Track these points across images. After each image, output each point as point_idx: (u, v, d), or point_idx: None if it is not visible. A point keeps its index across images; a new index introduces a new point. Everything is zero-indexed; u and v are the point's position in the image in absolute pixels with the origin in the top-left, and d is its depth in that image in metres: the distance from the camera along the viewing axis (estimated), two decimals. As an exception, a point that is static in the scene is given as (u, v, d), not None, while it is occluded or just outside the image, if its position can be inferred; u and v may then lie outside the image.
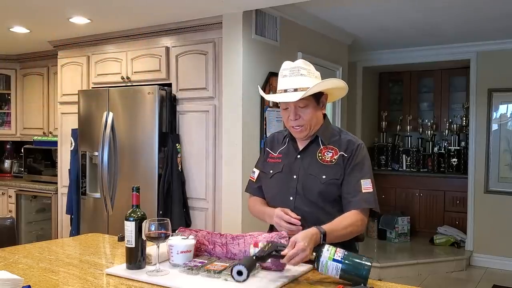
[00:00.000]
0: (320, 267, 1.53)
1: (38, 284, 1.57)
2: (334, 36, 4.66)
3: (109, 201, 3.87)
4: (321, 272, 1.55)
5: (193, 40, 3.70)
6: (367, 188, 1.77)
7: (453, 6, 3.86)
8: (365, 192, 1.76)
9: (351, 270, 1.50)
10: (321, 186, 1.78)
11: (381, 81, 6.83)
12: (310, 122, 1.80)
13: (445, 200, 5.93)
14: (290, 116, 1.80)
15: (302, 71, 1.78)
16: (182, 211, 3.61)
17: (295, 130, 1.82)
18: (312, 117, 1.80)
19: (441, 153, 6.14)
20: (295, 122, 1.80)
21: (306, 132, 1.82)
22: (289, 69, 1.80)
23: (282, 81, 1.81)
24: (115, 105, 3.89)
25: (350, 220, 1.72)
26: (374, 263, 4.88)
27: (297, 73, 1.77)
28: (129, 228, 1.68)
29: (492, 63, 5.24)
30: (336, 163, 1.80)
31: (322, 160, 1.81)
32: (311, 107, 1.79)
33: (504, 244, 5.13)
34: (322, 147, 1.83)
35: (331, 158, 1.80)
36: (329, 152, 1.82)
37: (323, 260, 1.52)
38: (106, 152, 3.84)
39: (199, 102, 3.68)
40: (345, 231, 1.70)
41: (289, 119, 1.81)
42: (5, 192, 5.16)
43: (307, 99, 1.77)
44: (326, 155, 1.82)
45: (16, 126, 5.51)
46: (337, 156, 1.80)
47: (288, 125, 1.84)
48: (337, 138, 1.85)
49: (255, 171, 2.01)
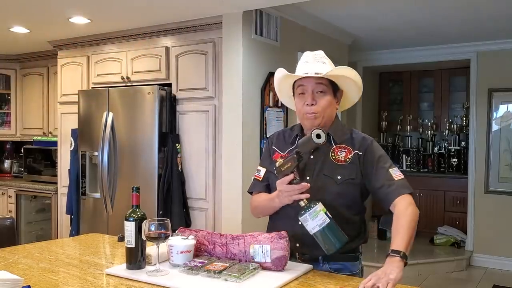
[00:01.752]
0: (308, 213, 1.57)
1: (38, 284, 1.56)
2: (334, 36, 4.66)
3: (109, 201, 3.87)
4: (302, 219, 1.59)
5: (193, 40, 3.70)
6: (398, 176, 1.74)
7: (453, 6, 3.85)
8: (398, 179, 1.73)
9: (332, 232, 1.56)
10: (336, 187, 1.73)
11: (381, 81, 6.83)
12: (325, 110, 1.76)
13: (445, 200, 5.92)
14: (307, 100, 1.75)
15: (324, 60, 1.81)
16: (182, 211, 3.61)
17: (308, 116, 1.76)
18: (327, 106, 1.76)
19: (441, 153, 6.14)
20: (311, 108, 1.75)
21: (319, 120, 1.76)
22: (312, 55, 1.82)
23: (304, 66, 1.80)
24: (115, 105, 3.89)
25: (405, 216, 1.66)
26: (374, 263, 4.86)
27: (319, 60, 1.80)
28: (129, 228, 1.67)
29: (492, 63, 5.24)
30: (350, 162, 1.76)
31: (336, 160, 1.76)
32: (329, 95, 1.77)
33: (505, 244, 5.13)
34: (334, 146, 1.79)
35: (345, 158, 1.76)
36: (343, 151, 1.78)
37: (317, 208, 1.56)
38: (106, 152, 3.84)
39: (199, 102, 3.67)
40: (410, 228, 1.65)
41: (305, 104, 1.76)
42: (5, 192, 5.16)
43: (326, 86, 1.76)
44: (339, 155, 1.77)
45: (16, 126, 5.51)
46: (351, 155, 1.77)
47: (302, 112, 1.78)
48: (348, 137, 1.82)
49: (261, 170, 1.92)
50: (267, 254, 1.64)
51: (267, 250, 1.64)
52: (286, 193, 1.65)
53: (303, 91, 1.77)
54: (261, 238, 1.67)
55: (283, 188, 1.66)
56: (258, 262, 1.65)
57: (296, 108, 1.83)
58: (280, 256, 1.64)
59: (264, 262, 1.65)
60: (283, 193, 1.66)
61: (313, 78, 1.75)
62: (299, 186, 1.62)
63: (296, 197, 1.64)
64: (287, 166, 1.62)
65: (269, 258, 1.64)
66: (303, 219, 1.60)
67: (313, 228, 1.58)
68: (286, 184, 1.64)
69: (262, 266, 1.65)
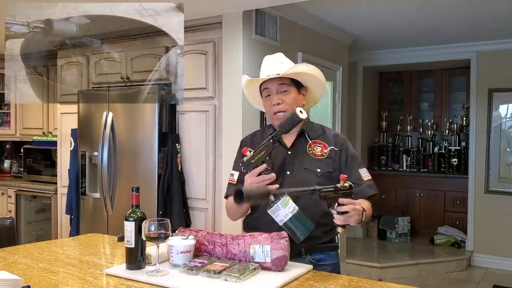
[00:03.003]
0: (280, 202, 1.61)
1: (38, 284, 1.56)
2: (334, 36, 4.66)
3: (109, 201, 3.87)
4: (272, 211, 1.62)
5: (193, 40, 3.69)
6: (367, 176, 1.88)
7: (453, 6, 3.86)
8: (367, 179, 1.87)
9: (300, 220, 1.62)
10: (317, 179, 1.81)
11: (381, 81, 6.83)
12: (292, 107, 1.83)
13: (446, 200, 5.92)
14: (273, 101, 1.86)
15: (283, 60, 1.91)
16: (182, 211, 3.60)
17: (277, 117, 1.86)
18: (293, 103, 1.85)
19: (442, 153, 6.14)
20: (278, 107, 1.85)
21: None
22: (272, 59, 1.92)
23: (265, 69, 1.90)
24: (115, 105, 3.88)
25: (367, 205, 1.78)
26: (375, 263, 4.88)
27: (278, 61, 1.89)
28: (128, 228, 1.67)
29: (492, 63, 5.24)
30: (327, 156, 1.87)
31: (313, 154, 1.87)
32: (293, 93, 1.87)
33: (505, 244, 5.13)
34: (310, 141, 1.89)
35: (321, 152, 1.87)
36: (318, 146, 1.89)
37: (286, 197, 1.61)
38: (105, 152, 3.84)
39: (199, 102, 3.67)
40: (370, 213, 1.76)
41: (272, 105, 1.87)
42: (4, 192, 5.16)
43: (289, 85, 1.86)
44: (316, 149, 1.88)
45: (16, 126, 5.50)
46: (327, 150, 1.88)
47: (271, 112, 1.89)
48: (322, 133, 1.93)
49: (234, 173, 1.98)
50: (267, 254, 1.64)
51: (267, 250, 1.64)
52: (256, 184, 1.68)
53: (269, 93, 1.89)
54: (261, 238, 1.67)
55: (253, 180, 1.69)
56: (258, 262, 1.65)
57: (265, 109, 1.95)
58: (280, 256, 1.64)
59: (264, 262, 1.65)
60: (253, 185, 1.68)
61: (275, 79, 1.85)
62: (269, 175, 1.68)
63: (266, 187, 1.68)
64: (260, 155, 1.68)
65: (269, 258, 1.64)
66: (274, 210, 1.63)
67: (285, 216, 1.62)
68: (256, 176, 1.69)
69: (262, 266, 1.65)
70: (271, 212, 1.64)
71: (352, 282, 1.60)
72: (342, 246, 4.88)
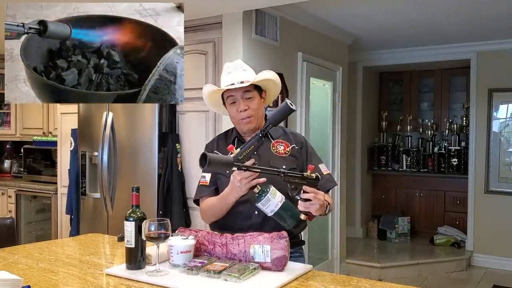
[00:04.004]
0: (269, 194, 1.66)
1: (38, 284, 1.56)
2: (334, 36, 4.66)
3: (109, 201, 3.87)
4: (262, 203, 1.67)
5: (193, 40, 3.69)
6: (326, 170, 1.98)
7: (453, 6, 3.86)
8: (326, 174, 1.95)
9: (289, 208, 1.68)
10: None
11: (381, 81, 6.83)
12: (257, 113, 1.95)
13: (445, 200, 5.92)
14: (240, 107, 1.92)
15: (245, 67, 1.97)
16: (182, 211, 3.60)
17: (243, 122, 1.94)
18: (258, 108, 1.95)
19: (441, 153, 6.14)
20: (245, 113, 1.92)
21: (253, 123, 1.94)
22: (233, 66, 1.97)
23: (228, 76, 1.95)
24: (115, 105, 3.88)
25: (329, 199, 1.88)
26: (375, 263, 4.88)
27: (240, 69, 1.95)
28: (129, 228, 1.67)
29: (492, 63, 5.24)
30: (290, 154, 1.95)
31: (277, 153, 1.95)
32: (257, 99, 1.95)
33: (505, 244, 5.13)
34: (273, 141, 1.97)
35: (284, 150, 1.96)
36: (281, 145, 1.97)
37: (273, 189, 1.67)
38: (106, 152, 3.83)
39: (199, 102, 3.66)
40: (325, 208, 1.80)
41: (238, 111, 1.93)
42: (4, 192, 5.16)
43: (253, 91, 1.94)
44: (279, 148, 1.96)
45: (16, 126, 5.50)
46: (289, 148, 1.97)
47: (237, 119, 1.95)
48: (282, 133, 2.02)
49: (206, 175, 1.98)
50: (267, 254, 1.64)
51: (267, 250, 1.64)
52: (245, 180, 1.71)
53: (234, 100, 1.95)
54: (261, 238, 1.67)
55: (243, 175, 1.70)
56: (258, 262, 1.65)
57: (230, 115, 2.00)
58: (280, 256, 1.64)
59: (264, 262, 1.65)
60: (243, 180, 1.71)
61: (240, 88, 1.91)
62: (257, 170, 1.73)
63: (255, 181, 1.72)
64: (248, 150, 1.73)
65: (269, 258, 1.64)
66: (264, 202, 1.67)
67: (276, 206, 1.67)
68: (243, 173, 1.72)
69: (262, 266, 1.65)
70: (261, 204, 1.69)
71: (352, 282, 1.60)
72: (342, 246, 4.88)
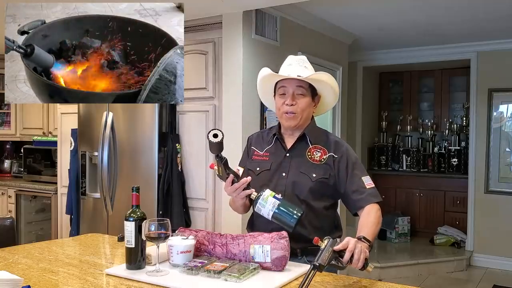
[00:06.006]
0: (260, 201, 1.68)
1: (38, 284, 1.56)
2: (334, 36, 4.66)
3: (109, 201, 3.87)
4: (257, 209, 1.69)
5: (193, 40, 3.69)
6: (370, 184, 1.88)
7: (454, 6, 3.85)
8: (369, 187, 1.86)
9: (285, 210, 1.65)
10: (311, 183, 1.84)
11: (381, 81, 6.83)
12: (303, 112, 1.87)
13: (445, 200, 5.92)
14: (287, 101, 1.86)
15: (307, 64, 1.92)
16: (182, 211, 3.61)
17: (287, 116, 1.87)
18: (306, 107, 1.87)
19: (441, 153, 6.14)
20: (291, 108, 1.85)
21: (297, 121, 1.87)
22: (296, 60, 1.92)
23: (287, 68, 1.90)
24: (115, 105, 3.88)
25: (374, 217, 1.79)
26: (375, 263, 4.87)
27: (302, 65, 1.90)
28: (129, 228, 1.67)
29: (492, 63, 5.24)
30: (325, 162, 1.87)
31: (311, 159, 1.88)
32: (307, 98, 1.88)
33: (505, 244, 5.13)
34: (310, 146, 1.90)
35: (320, 158, 1.88)
36: (318, 151, 1.89)
37: (265, 195, 1.68)
38: (106, 152, 3.83)
39: (199, 102, 3.67)
40: (377, 228, 1.79)
41: (285, 104, 1.86)
42: (4, 192, 5.15)
43: (306, 89, 1.87)
44: (315, 154, 1.89)
45: (16, 126, 5.50)
46: (326, 156, 1.88)
47: (281, 111, 1.88)
48: (324, 138, 1.94)
49: (240, 169, 1.97)
50: (267, 254, 1.64)
51: (267, 250, 1.64)
52: (233, 193, 1.78)
53: (284, 91, 1.88)
54: (261, 238, 1.67)
55: (228, 190, 1.79)
56: (258, 262, 1.65)
57: (276, 107, 1.93)
58: (280, 256, 1.64)
59: (264, 262, 1.65)
60: (232, 194, 1.80)
61: (294, 80, 1.86)
62: (239, 183, 1.75)
63: (243, 193, 1.75)
64: (219, 170, 1.78)
65: (269, 258, 1.64)
66: (258, 208, 1.70)
67: (271, 210, 1.67)
68: (230, 186, 1.77)
69: (262, 266, 1.65)
70: (257, 211, 1.71)
71: (352, 282, 1.60)
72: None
